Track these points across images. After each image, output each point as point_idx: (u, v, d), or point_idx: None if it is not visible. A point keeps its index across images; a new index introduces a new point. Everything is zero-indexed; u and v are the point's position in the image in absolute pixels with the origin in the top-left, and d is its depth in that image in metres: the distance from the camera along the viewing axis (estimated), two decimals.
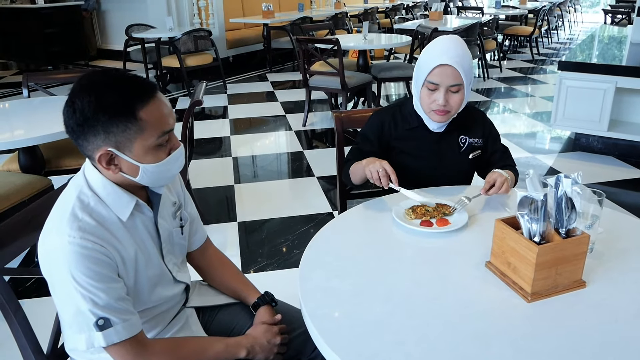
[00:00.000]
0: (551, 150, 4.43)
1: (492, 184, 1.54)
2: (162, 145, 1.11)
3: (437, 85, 1.60)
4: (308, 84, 4.88)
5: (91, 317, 1.03)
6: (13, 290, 1.13)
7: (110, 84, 1.06)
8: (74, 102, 1.04)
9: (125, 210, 1.13)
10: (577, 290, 1.12)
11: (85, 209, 1.08)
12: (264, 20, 7.55)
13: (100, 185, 1.11)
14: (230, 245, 2.88)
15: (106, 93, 1.05)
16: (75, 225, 1.04)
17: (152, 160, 1.10)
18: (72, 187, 1.13)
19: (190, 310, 1.38)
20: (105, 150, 1.06)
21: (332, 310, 1.09)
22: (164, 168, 1.12)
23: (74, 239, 1.03)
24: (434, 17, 7.12)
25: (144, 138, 1.07)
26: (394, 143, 1.77)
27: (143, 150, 1.08)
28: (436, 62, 1.58)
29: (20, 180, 2.48)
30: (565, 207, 1.09)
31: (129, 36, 6.56)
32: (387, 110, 1.82)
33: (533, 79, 7.28)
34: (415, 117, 1.74)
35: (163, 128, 1.09)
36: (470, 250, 1.30)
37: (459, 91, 1.62)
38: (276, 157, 4.42)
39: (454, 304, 1.09)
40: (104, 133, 1.04)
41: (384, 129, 1.77)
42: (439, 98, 1.60)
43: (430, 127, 1.73)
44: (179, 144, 1.16)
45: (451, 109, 1.64)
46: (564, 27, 12.34)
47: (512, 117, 5.50)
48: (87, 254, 1.03)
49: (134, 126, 1.05)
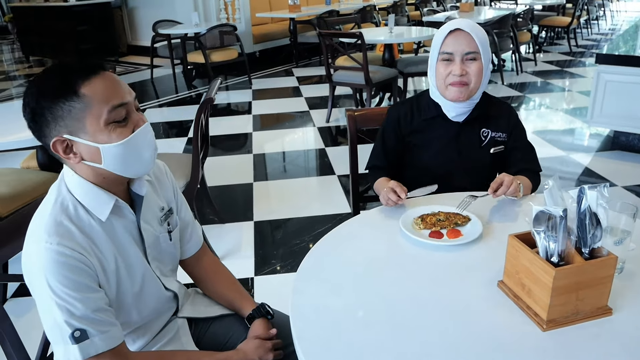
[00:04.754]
0: (588, 148, 4.18)
1: (500, 184, 1.42)
2: (119, 122, 1.03)
3: (451, 54, 1.53)
4: (332, 79, 4.77)
5: (67, 329, 0.98)
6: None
7: (50, 70, 1.03)
8: (24, 99, 1.02)
9: (104, 209, 1.07)
10: (602, 318, 0.98)
11: (64, 212, 1.03)
12: (291, 14, 7.48)
13: (77, 186, 1.06)
14: (245, 245, 2.81)
15: (45, 79, 1.02)
16: (52, 230, 1.00)
17: (111, 139, 1.02)
18: (52, 192, 1.08)
19: (182, 320, 1.31)
20: (58, 137, 1.01)
21: (323, 331, 0.99)
22: (129, 148, 1.04)
23: (51, 245, 0.98)
24: (464, 8, 6.88)
25: (93, 115, 1.00)
26: (410, 137, 1.69)
27: (97, 129, 1.01)
28: (448, 30, 1.53)
29: (38, 177, 2.51)
30: (589, 224, 0.95)
31: (155, 32, 6.59)
32: (404, 103, 1.74)
33: (570, 72, 6.95)
34: (433, 107, 1.65)
35: (113, 101, 1.01)
36: (482, 267, 1.17)
37: (476, 60, 1.52)
38: (297, 154, 4.32)
39: (460, 329, 0.98)
40: (52, 120, 1.00)
41: (400, 123, 1.69)
42: (455, 68, 1.52)
43: (449, 115, 1.63)
44: (144, 121, 1.07)
45: (469, 81, 1.54)
46: (606, 17, 11.82)
47: (546, 113, 5.25)
48: (64, 261, 0.98)
49: (77, 104, 0.99)
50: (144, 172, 1.14)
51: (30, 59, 9.55)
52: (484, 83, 1.58)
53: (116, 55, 8.79)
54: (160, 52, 6.86)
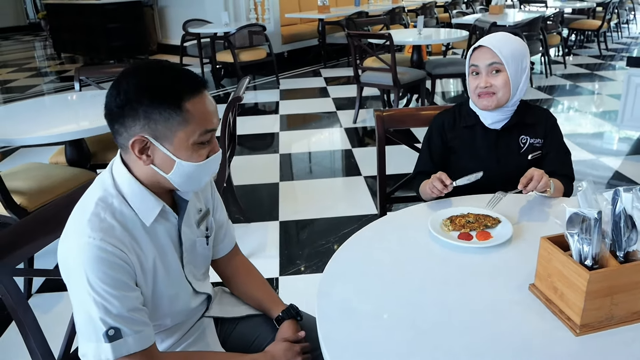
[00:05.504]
0: (618, 152, 4.10)
1: (530, 179, 1.43)
2: (203, 144, 1.04)
3: (477, 67, 1.63)
4: (359, 80, 4.77)
5: (101, 326, 0.97)
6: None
7: (160, 69, 1.02)
8: (120, 83, 1.00)
9: (150, 214, 1.07)
10: (637, 323, 0.96)
11: (108, 208, 1.03)
12: (320, 15, 7.50)
13: (126, 185, 1.06)
14: (270, 245, 2.82)
15: (154, 77, 1.01)
16: (96, 225, 0.99)
17: (189, 158, 1.03)
18: (97, 185, 1.07)
19: (208, 319, 1.31)
20: (142, 136, 1.00)
21: (350, 334, 0.99)
22: (199, 170, 1.05)
23: (94, 240, 0.97)
24: (494, 11, 6.80)
25: (187, 132, 1.01)
26: (452, 143, 1.75)
27: (183, 145, 1.02)
28: (474, 47, 1.65)
29: (65, 173, 2.52)
30: (624, 226, 0.94)
31: (185, 31, 6.67)
32: (448, 111, 1.82)
33: (600, 75, 6.82)
34: (472, 115, 1.71)
35: (207, 125, 1.03)
36: (512, 269, 1.16)
37: (500, 72, 1.60)
38: (324, 154, 4.33)
39: (489, 334, 0.96)
40: (144, 119, 0.99)
41: (444, 128, 1.76)
42: (481, 81, 1.62)
43: (485, 122, 1.69)
44: (219, 149, 1.09)
45: (496, 91, 1.60)
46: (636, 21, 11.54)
47: (576, 116, 5.16)
48: (105, 257, 0.97)
49: (178, 116, 0.99)
50: (195, 190, 1.17)
51: (62, 55, 9.76)
52: (519, 92, 1.63)
53: (146, 53, 8.93)
54: (189, 51, 6.95)
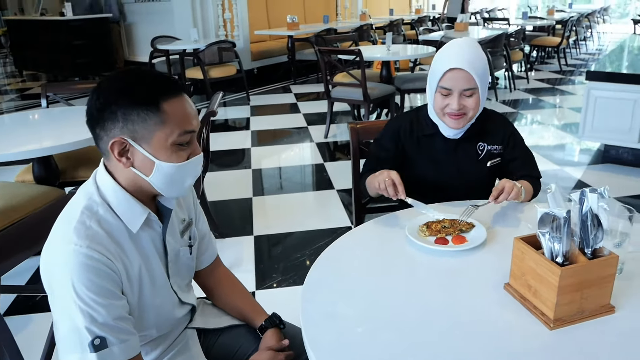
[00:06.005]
0: (580, 162, 4.27)
1: (501, 191, 1.45)
2: (182, 145, 1.06)
3: (450, 90, 1.55)
4: (330, 95, 4.84)
5: (87, 336, 0.96)
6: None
7: (139, 73, 1.06)
8: (100, 88, 1.04)
9: (137, 221, 1.08)
10: (605, 316, 1.02)
11: (93, 216, 1.03)
12: (289, 32, 7.57)
13: (111, 192, 1.06)
14: (246, 259, 2.82)
15: (133, 80, 1.04)
16: (82, 233, 0.99)
17: (169, 158, 1.05)
18: (81, 194, 1.08)
19: (192, 331, 1.31)
20: (120, 138, 1.02)
21: (335, 338, 1.01)
22: (180, 171, 1.06)
23: (80, 247, 0.97)
24: (459, 28, 7.02)
25: (165, 132, 1.02)
26: (410, 151, 1.71)
27: (162, 146, 1.03)
28: (447, 66, 1.53)
29: (33, 191, 2.44)
30: (590, 225, 1.00)
31: (154, 48, 6.64)
32: (404, 116, 1.77)
33: (561, 90, 7.09)
34: (431, 124, 1.68)
35: (186, 126, 1.05)
36: (488, 271, 1.21)
37: (473, 95, 1.55)
38: (296, 169, 4.37)
39: (469, 332, 1.00)
40: (123, 121, 1.01)
41: (400, 136, 1.72)
42: (453, 103, 1.55)
43: (445, 134, 1.66)
44: (200, 152, 1.11)
45: (467, 112, 1.57)
46: (593, 38, 12.06)
47: (539, 128, 5.35)
48: (92, 265, 0.97)
49: (155, 117, 1.01)
50: (178, 196, 1.17)
51: (23, 73, 9.54)
52: (481, 108, 1.61)
53: (112, 70, 8.83)
54: (158, 67, 6.89)
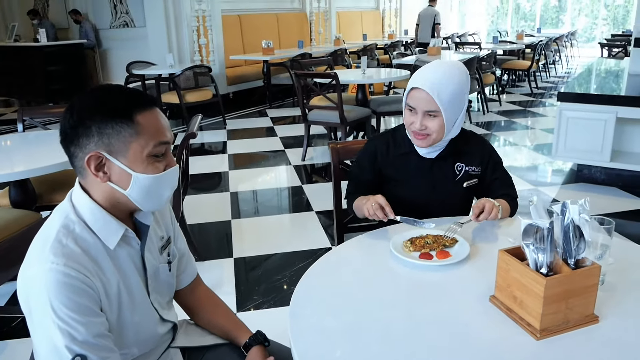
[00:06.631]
0: (553, 182, 4.36)
1: (482, 210, 1.49)
2: (158, 157, 1.06)
3: (414, 108, 1.59)
4: (307, 118, 4.87)
5: (67, 355, 0.95)
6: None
7: (111, 89, 1.08)
8: (73, 106, 1.04)
9: (114, 237, 1.07)
10: (590, 326, 1.04)
11: (69, 235, 1.02)
12: (264, 57, 7.63)
13: (87, 210, 1.06)
14: (226, 282, 2.78)
15: (105, 96, 1.06)
16: (59, 251, 0.98)
17: (145, 170, 1.05)
18: (57, 213, 1.07)
19: (175, 350, 1.29)
20: (97, 152, 1.02)
21: (324, 351, 1.01)
22: (157, 183, 1.07)
23: (57, 265, 0.96)
24: (432, 52, 7.17)
25: (140, 143, 1.03)
26: (387, 170, 1.73)
27: (138, 158, 1.04)
28: (412, 85, 1.59)
29: (9, 215, 2.41)
30: (573, 236, 1.02)
31: (129, 73, 6.61)
32: (381, 136, 1.79)
33: (532, 112, 7.28)
34: (407, 143, 1.70)
35: (160, 137, 1.06)
36: (472, 284, 1.22)
37: (437, 117, 1.57)
38: (275, 192, 4.36)
39: (456, 345, 1.01)
40: (97, 135, 1.01)
41: (377, 156, 1.74)
42: (416, 122, 1.59)
43: (420, 152, 1.69)
44: (175, 164, 1.11)
45: (430, 133, 1.59)
46: (562, 62, 12.46)
47: (512, 150, 5.46)
48: (69, 282, 0.96)
49: (130, 128, 1.02)
50: (156, 208, 1.17)
51: None
52: (454, 128, 1.63)
53: None
54: None
